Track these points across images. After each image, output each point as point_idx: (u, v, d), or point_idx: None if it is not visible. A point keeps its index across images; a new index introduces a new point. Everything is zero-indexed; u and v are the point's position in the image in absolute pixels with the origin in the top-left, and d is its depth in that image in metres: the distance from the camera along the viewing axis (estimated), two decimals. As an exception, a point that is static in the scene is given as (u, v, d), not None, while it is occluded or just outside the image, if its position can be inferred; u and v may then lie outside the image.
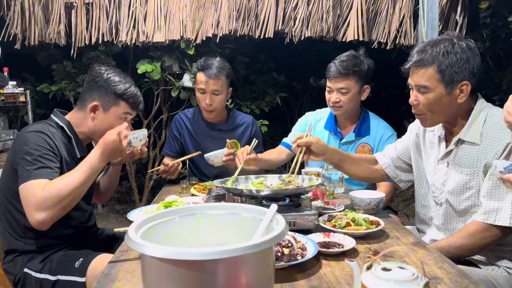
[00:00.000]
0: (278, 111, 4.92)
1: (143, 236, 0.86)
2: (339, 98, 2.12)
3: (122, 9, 3.21)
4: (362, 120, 2.25)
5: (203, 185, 2.09)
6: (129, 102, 1.66)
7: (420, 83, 1.45)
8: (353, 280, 1.01)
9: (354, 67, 2.08)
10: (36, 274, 1.52)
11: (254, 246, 0.77)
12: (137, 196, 4.29)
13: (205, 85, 2.26)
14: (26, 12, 3.17)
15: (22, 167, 1.42)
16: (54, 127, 1.59)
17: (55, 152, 1.50)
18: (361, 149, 2.22)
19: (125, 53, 3.86)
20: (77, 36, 3.24)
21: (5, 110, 4.18)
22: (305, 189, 1.40)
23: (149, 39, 3.23)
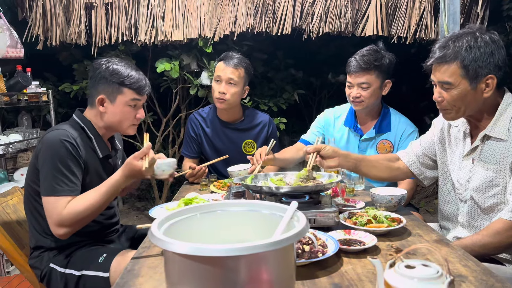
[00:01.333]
0: (296, 108, 4.91)
1: (165, 232, 0.87)
2: (360, 93, 2.08)
3: (141, 9, 3.25)
4: (382, 116, 2.20)
5: (222, 182, 2.09)
6: (133, 87, 1.63)
7: (443, 80, 1.41)
8: (375, 277, 1.01)
9: (375, 61, 2.04)
10: (61, 269, 1.56)
11: (276, 243, 0.77)
12: (157, 193, 4.34)
13: (221, 72, 2.26)
14: (48, 13, 3.24)
15: (45, 177, 1.47)
16: (76, 128, 1.61)
17: (78, 161, 1.53)
18: (382, 146, 2.18)
19: (144, 52, 3.91)
20: (97, 36, 3.29)
21: (28, 109, 4.29)
22: (325, 186, 1.39)
23: (167, 38, 3.26)
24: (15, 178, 3.36)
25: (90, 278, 1.51)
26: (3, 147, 2.96)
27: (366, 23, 3.13)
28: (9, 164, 3.78)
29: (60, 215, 1.45)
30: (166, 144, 4.42)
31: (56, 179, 1.46)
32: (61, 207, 1.45)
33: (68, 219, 1.45)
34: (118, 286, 1.01)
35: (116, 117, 1.64)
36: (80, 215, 1.46)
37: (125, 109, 1.64)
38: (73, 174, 1.50)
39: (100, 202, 1.49)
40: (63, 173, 1.47)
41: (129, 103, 1.64)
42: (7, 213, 1.76)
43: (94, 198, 1.48)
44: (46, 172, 1.47)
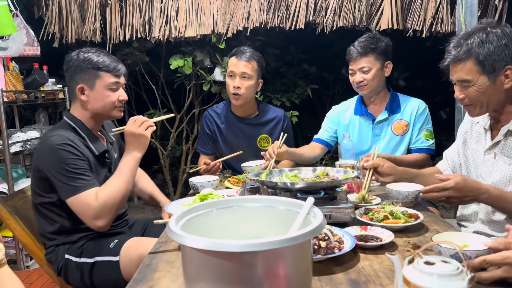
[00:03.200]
0: (309, 103, 4.87)
1: (183, 227, 0.87)
2: (363, 77, 2.16)
3: (154, 5, 3.27)
4: (392, 98, 2.27)
5: (237, 178, 2.10)
6: (109, 70, 1.64)
7: (461, 78, 1.42)
8: (392, 273, 1.00)
9: (372, 44, 2.14)
10: (76, 259, 1.60)
11: (293, 239, 0.77)
12: (171, 189, 4.38)
13: (235, 67, 2.27)
14: (63, 11, 3.28)
15: (62, 183, 1.50)
16: (69, 129, 1.63)
17: (83, 160, 1.56)
18: (398, 126, 2.23)
19: (158, 49, 3.93)
20: (111, 33, 3.32)
21: (45, 106, 4.36)
22: (340, 181, 1.38)
23: (181, 34, 3.27)
24: (33, 174, 3.42)
25: (102, 264, 1.56)
26: (21, 143, 3.02)
27: (380, 16, 3.09)
28: (27, 160, 3.85)
29: (93, 208, 1.49)
30: (180, 141, 4.45)
31: (72, 180, 1.50)
32: (91, 201, 1.49)
33: (101, 208, 1.50)
34: (136, 280, 1.02)
35: (100, 103, 1.66)
36: (111, 200, 1.51)
37: (105, 92, 1.65)
38: (85, 170, 1.54)
39: (124, 182, 1.55)
40: (75, 172, 1.51)
41: (109, 86, 1.65)
42: (27, 209, 1.79)
43: (117, 181, 1.55)
44: (58, 178, 1.50)
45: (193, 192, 1.93)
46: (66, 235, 1.64)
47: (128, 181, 1.57)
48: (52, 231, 1.64)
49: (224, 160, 2.30)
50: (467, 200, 1.39)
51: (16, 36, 2.86)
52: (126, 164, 1.59)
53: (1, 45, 2.85)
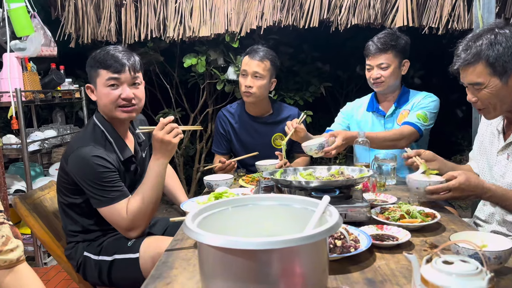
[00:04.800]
0: (323, 101, 4.85)
1: (199, 225, 0.88)
2: (380, 73, 2.16)
3: (169, 5, 3.29)
4: (401, 93, 2.27)
5: (251, 177, 2.10)
6: (105, 66, 1.57)
7: (473, 81, 1.40)
8: (409, 273, 0.99)
9: (392, 41, 2.13)
10: (95, 257, 1.63)
11: (309, 237, 0.77)
12: (185, 187, 4.40)
13: (247, 66, 2.27)
14: (79, 12, 3.33)
15: (95, 194, 1.53)
16: (98, 134, 1.62)
17: (115, 171, 1.57)
18: (401, 116, 2.22)
19: (172, 49, 3.96)
20: (127, 33, 3.35)
21: (62, 106, 4.43)
22: (356, 180, 1.37)
23: (195, 34, 3.29)
24: (50, 173, 3.48)
25: (121, 261, 1.58)
26: (39, 142, 3.07)
27: (396, 13, 3.06)
28: (44, 159, 3.92)
29: (126, 219, 1.53)
30: (194, 139, 4.47)
31: (105, 192, 1.52)
32: (123, 212, 1.53)
33: (133, 220, 1.53)
34: (153, 277, 1.03)
35: (102, 101, 1.62)
36: (142, 211, 1.54)
37: (104, 90, 1.59)
38: (117, 181, 1.56)
39: (152, 190, 1.56)
40: (107, 185, 1.53)
41: (106, 84, 1.58)
42: (45, 206, 1.83)
43: (146, 188, 1.56)
44: (91, 190, 1.53)
45: (208, 191, 1.94)
46: (86, 233, 1.67)
47: (157, 188, 1.57)
48: (74, 229, 1.67)
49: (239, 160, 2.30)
50: (470, 199, 1.44)
51: (33, 37, 2.90)
52: (154, 172, 1.57)
53: (20, 46, 2.90)
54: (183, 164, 4.47)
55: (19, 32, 2.83)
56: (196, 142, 4.38)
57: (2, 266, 1.19)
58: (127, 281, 1.60)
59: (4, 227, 1.21)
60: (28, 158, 2.90)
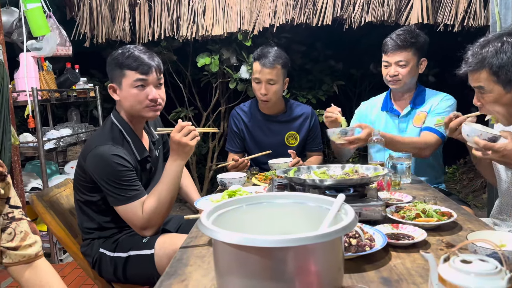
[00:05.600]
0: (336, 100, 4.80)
1: (214, 223, 0.88)
2: (398, 71, 2.11)
3: (182, 5, 3.31)
4: (417, 91, 2.22)
5: (264, 175, 2.10)
6: (132, 67, 1.58)
7: (477, 85, 1.40)
8: (426, 272, 0.98)
9: (412, 38, 2.08)
10: (110, 253, 1.65)
11: (324, 235, 0.77)
12: (198, 185, 4.43)
13: (259, 74, 2.25)
14: (94, 11, 3.37)
15: (112, 192, 1.55)
16: (115, 133, 1.64)
17: (132, 170, 1.59)
18: (417, 117, 2.18)
19: (185, 48, 3.98)
20: (140, 33, 3.38)
21: (77, 105, 4.48)
22: (371, 179, 1.36)
23: (208, 33, 3.30)
24: (65, 171, 3.53)
25: (136, 258, 1.60)
26: (54, 141, 3.12)
27: (410, 11, 3.03)
28: (60, 157, 3.97)
29: (142, 218, 1.55)
30: (206, 138, 4.49)
31: (123, 191, 1.54)
32: (139, 211, 1.55)
33: (149, 219, 1.55)
34: (168, 274, 1.04)
35: (127, 102, 1.63)
36: (158, 210, 1.55)
37: (131, 91, 1.60)
38: (134, 180, 1.58)
39: (168, 191, 1.57)
40: (125, 184, 1.55)
41: (133, 85, 1.59)
42: (61, 204, 1.85)
43: (162, 189, 1.57)
44: (109, 188, 1.55)
45: (221, 189, 1.95)
46: (102, 230, 1.69)
47: (172, 190, 1.58)
48: (90, 226, 1.70)
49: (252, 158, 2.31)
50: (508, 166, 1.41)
51: (49, 37, 2.95)
52: (170, 173, 1.59)
53: (36, 46, 2.95)
54: (195, 162, 4.49)
55: (35, 32, 2.87)
56: (208, 140, 4.40)
57: (22, 261, 1.21)
58: (142, 277, 1.62)
59: (23, 223, 1.24)
60: (44, 156, 2.95)
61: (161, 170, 1.81)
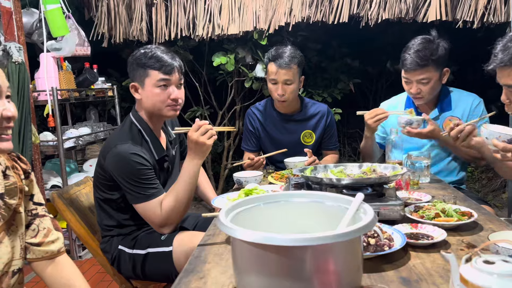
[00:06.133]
0: (352, 98, 4.78)
1: (232, 221, 0.89)
2: (420, 88, 2.01)
3: (198, 4, 3.32)
4: (443, 95, 2.14)
5: (280, 174, 2.10)
6: (156, 67, 1.61)
7: (508, 83, 1.35)
8: (446, 272, 0.97)
9: (432, 55, 1.94)
10: (129, 250, 1.68)
11: (343, 234, 0.77)
12: (213, 184, 4.45)
13: (276, 75, 2.23)
14: (112, 12, 3.41)
15: (131, 190, 1.57)
16: (135, 133, 1.66)
17: (151, 169, 1.61)
18: (448, 123, 2.09)
19: (201, 47, 4.00)
20: (157, 33, 3.41)
21: (95, 104, 4.55)
22: (389, 178, 1.35)
23: (224, 32, 3.31)
24: (84, 169, 3.59)
25: (154, 255, 1.62)
26: (74, 139, 3.17)
27: (428, 7, 2.98)
28: (79, 155, 4.04)
29: (160, 216, 1.57)
30: (221, 137, 4.51)
31: (142, 189, 1.57)
32: (158, 209, 1.57)
33: (167, 217, 1.58)
34: (187, 271, 1.05)
35: (149, 101, 1.65)
36: (176, 209, 1.58)
37: (154, 90, 1.63)
38: (153, 178, 1.60)
39: (186, 190, 1.59)
40: (144, 182, 1.57)
41: (156, 84, 1.62)
42: (81, 201, 1.89)
43: (180, 187, 1.59)
44: (128, 186, 1.57)
45: (237, 187, 1.96)
46: (121, 228, 1.72)
47: (190, 188, 1.60)
48: (109, 224, 1.72)
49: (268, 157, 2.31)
50: None
51: (68, 37, 3.00)
52: (188, 172, 1.60)
53: (55, 46, 3.01)
54: (211, 161, 4.51)
55: (55, 32, 2.92)
56: (224, 139, 4.42)
57: (44, 257, 1.24)
58: (160, 274, 1.64)
59: (46, 219, 1.26)
60: (63, 154, 3.00)
61: (178, 169, 1.84)
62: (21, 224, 1.17)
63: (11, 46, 2.70)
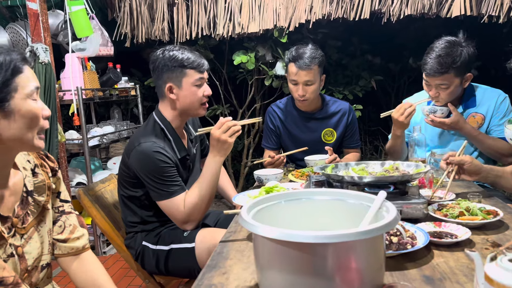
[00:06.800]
0: (373, 95, 4.72)
1: (253, 218, 0.90)
2: (439, 92, 1.97)
3: (219, 3, 3.34)
4: (468, 91, 2.09)
5: (300, 172, 2.10)
6: (193, 66, 1.66)
7: None
8: (470, 271, 0.96)
9: (453, 63, 1.87)
10: (153, 246, 1.71)
11: (366, 232, 0.77)
12: (233, 182, 4.47)
13: (296, 76, 2.21)
14: (134, 12, 3.46)
15: (155, 187, 1.61)
16: (158, 132, 1.70)
17: (174, 166, 1.64)
18: (472, 120, 2.05)
19: (221, 46, 4.02)
20: (178, 32, 3.45)
21: (118, 103, 4.64)
22: (412, 176, 1.33)
23: (244, 31, 3.31)
24: (108, 167, 3.67)
25: (177, 250, 1.66)
26: (98, 138, 3.24)
27: (452, 2, 2.91)
28: (103, 153, 4.13)
29: (183, 213, 1.61)
30: (241, 135, 4.53)
31: (165, 186, 1.60)
32: (181, 206, 1.61)
33: (190, 214, 1.61)
34: (210, 267, 1.07)
35: (187, 100, 1.69)
36: (198, 205, 1.61)
37: (192, 89, 1.68)
38: (176, 176, 1.64)
39: (208, 187, 1.62)
40: (167, 180, 1.60)
41: (194, 83, 1.68)
42: (106, 198, 1.94)
43: (202, 184, 1.62)
44: (152, 184, 1.61)
45: (258, 185, 1.97)
46: (145, 224, 1.75)
47: (212, 185, 1.63)
48: (133, 220, 1.76)
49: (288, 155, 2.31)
50: None
51: (92, 38, 3.06)
52: (210, 169, 1.64)
53: (80, 47, 3.08)
54: (231, 159, 4.54)
55: (79, 33, 2.99)
56: (244, 137, 4.43)
57: (70, 252, 1.28)
58: (183, 270, 1.67)
59: (72, 216, 1.30)
60: (88, 152, 3.07)
61: (199, 166, 1.87)
62: (49, 220, 1.21)
63: (38, 47, 2.78)
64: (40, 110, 1.05)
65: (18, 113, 1.00)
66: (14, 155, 1.09)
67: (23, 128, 1.02)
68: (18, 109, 1.00)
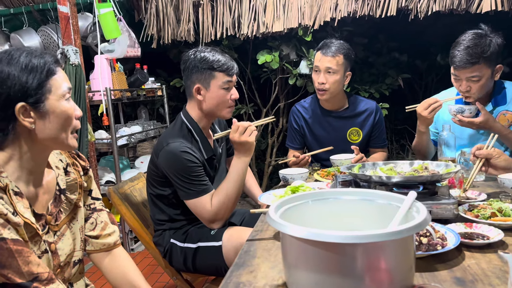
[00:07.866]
0: (400, 93, 4.64)
1: (281, 217, 0.90)
2: (470, 86, 1.90)
3: (243, 3, 3.35)
4: (497, 89, 2.02)
5: (326, 171, 2.09)
6: (223, 70, 1.68)
7: None
8: (503, 274, 0.94)
9: (483, 53, 1.81)
10: (181, 244, 1.74)
11: (395, 233, 0.76)
12: (257, 181, 4.48)
13: (319, 63, 2.22)
14: (160, 14, 3.51)
15: (183, 187, 1.64)
16: (185, 132, 1.73)
17: (201, 166, 1.67)
18: (502, 118, 1.99)
19: (245, 45, 4.03)
20: (203, 33, 3.48)
21: (145, 103, 4.72)
22: (442, 176, 1.30)
23: (268, 30, 3.32)
24: (136, 166, 3.74)
25: (205, 249, 1.68)
26: (126, 137, 3.31)
27: (482, -3, 2.83)
28: (130, 152, 4.22)
29: (210, 212, 1.64)
30: (265, 134, 4.54)
31: (193, 185, 1.64)
32: (208, 205, 1.64)
33: (217, 213, 1.64)
34: (237, 265, 1.08)
35: (214, 102, 1.71)
36: (225, 205, 1.64)
37: (219, 92, 1.70)
38: (203, 175, 1.67)
39: (235, 187, 1.65)
40: (195, 179, 1.64)
41: (222, 86, 1.70)
42: (135, 196, 1.98)
43: (229, 184, 1.65)
44: (180, 183, 1.64)
45: (283, 184, 1.97)
46: (173, 222, 1.79)
47: (238, 185, 1.66)
48: (162, 218, 1.80)
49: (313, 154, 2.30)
50: None
51: (120, 39, 3.13)
52: (236, 169, 1.67)
53: (108, 48, 3.15)
54: (255, 158, 4.55)
55: (107, 35, 3.06)
56: (267, 136, 4.44)
57: (102, 249, 1.32)
58: (210, 268, 1.70)
59: (103, 213, 1.34)
60: (117, 151, 3.15)
61: (224, 166, 1.89)
62: (81, 217, 1.25)
63: (69, 49, 2.87)
64: (73, 110, 1.09)
65: (53, 114, 1.04)
66: (48, 154, 1.13)
67: (58, 128, 1.06)
68: (53, 110, 1.04)
